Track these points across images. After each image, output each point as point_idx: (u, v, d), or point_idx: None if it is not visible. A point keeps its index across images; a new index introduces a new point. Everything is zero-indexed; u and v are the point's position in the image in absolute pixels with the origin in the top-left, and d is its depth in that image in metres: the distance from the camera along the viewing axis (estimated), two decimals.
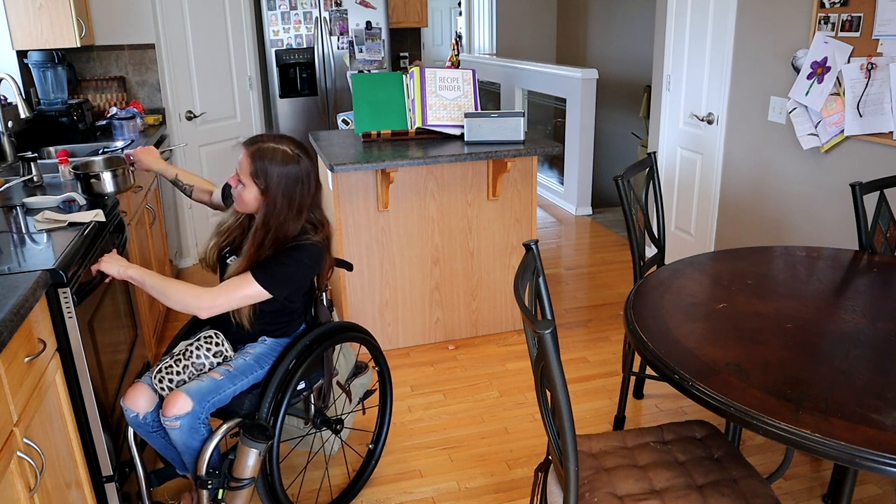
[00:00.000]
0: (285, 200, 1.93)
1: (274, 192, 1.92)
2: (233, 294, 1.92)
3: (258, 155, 1.93)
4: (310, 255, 1.99)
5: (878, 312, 1.85)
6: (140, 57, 4.26)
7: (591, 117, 5.44)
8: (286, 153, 1.94)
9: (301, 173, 1.95)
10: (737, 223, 3.68)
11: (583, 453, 1.79)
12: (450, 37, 11.18)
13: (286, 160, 1.93)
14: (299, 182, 1.95)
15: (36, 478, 1.56)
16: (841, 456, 1.31)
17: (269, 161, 1.92)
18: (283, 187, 1.93)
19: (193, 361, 2.02)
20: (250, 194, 1.95)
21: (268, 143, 1.94)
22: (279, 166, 1.92)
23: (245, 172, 1.94)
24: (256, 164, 1.92)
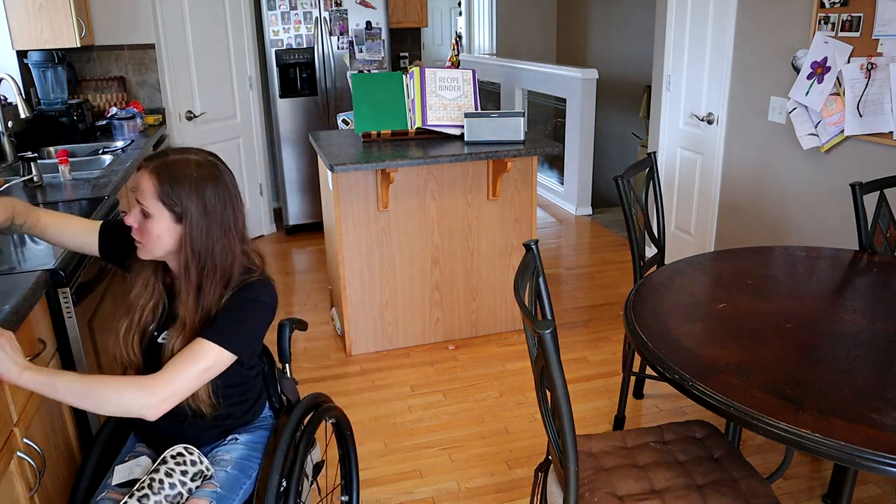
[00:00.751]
0: (214, 221, 1.49)
1: (196, 214, 1.47)
2: (188, 371, 1.41)
3: (164, 170, 1.46)
4: (266, 292, 1.56)
5: (878, 312, 1.85)
6: (140, 57, 4.26)
7: (591, 117, 5.44)
8: (199, 162, 1.51)
9: (224, 184, 1.52)
10: (737, 223, 3.68)
11: (583, 453, 1.79)
12: (450, 37, 11.18)
13: (202, 170, 1.49)
14: (225, 195, 1.52)
15: (36, 478, 1.56)
16: (841, 456, 1.31)
17: (181, 175, 1.46)
18: (208, 204, 1.48)
19: (167, 494, 1.45)
20: (160, 226, 1.47)
21: (173, 156, 1.50)
22: (195, 180, 1.47)
23: (149, 197, 1.46)
24: (164, 182, 1.45)
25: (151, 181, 1.46)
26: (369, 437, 2.73)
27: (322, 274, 4.40)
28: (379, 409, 2.92)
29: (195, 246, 1.48)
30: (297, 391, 1.83)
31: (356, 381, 3.16)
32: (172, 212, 1.47)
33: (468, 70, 3.41)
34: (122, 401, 1.37)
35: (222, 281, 1.51)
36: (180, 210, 1.46)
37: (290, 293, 4.19)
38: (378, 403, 2.97)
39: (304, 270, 4.57)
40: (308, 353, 3.42)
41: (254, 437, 1.68)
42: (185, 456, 1.51)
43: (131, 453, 1.64)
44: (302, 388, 3.08)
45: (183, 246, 1.49)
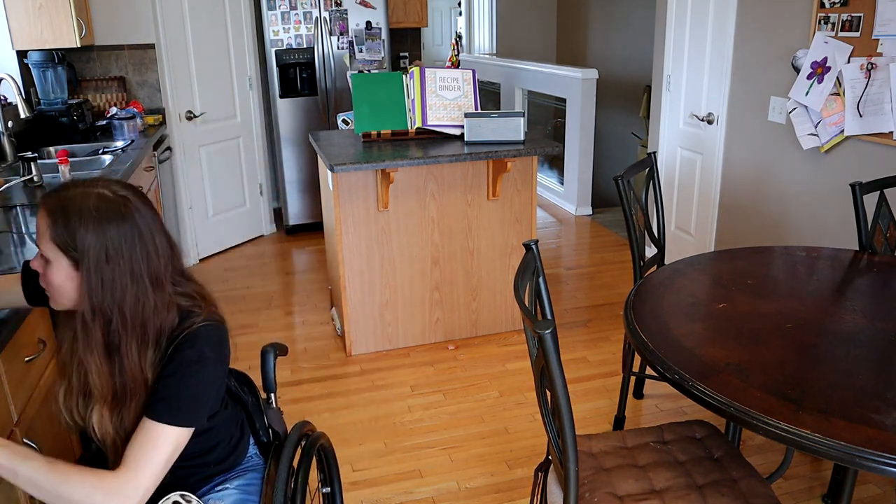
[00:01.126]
0: (118, 267, 1.24)
1: (94, 259, 1.23)
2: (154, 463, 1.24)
3: (59, 208, 1.23)
4: (210, 345, 1.33)
5: (878, 312, 1.85)
6: (140, 57, 4.26)
7: (591, 117, 5.44)
8: (102, 197, 1.25)
9: (132, 222, 1.26)
10: (737, 223, 3.68)
11: (583, 453, 1.79)
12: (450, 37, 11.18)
13: (104, 206, 1.24)
14: (134, 236, 1.26)
15: None
16: (841, 456, 1.31)
17: (77, 214, 1.22)
18: (110, 247, 1.23)
19: None
20: (60, 273, 1.25)
21: (72, 191, 1.26)
22: (94, 218, 1.23)
23: (44, 239, 1.24)
24: (58, 221, 1.22)
25: (45, 221, 1.24)
26: (369, 437, 2.73)
27: (322, 274, 4.40)
28: (379, 409, 2.92)
29: (95, 298, 1.24)
30: (283, 422, 1.72)
31: (356, 381, 3.16)
32: (70, 257, 1.23)
33: (468, 70, 3.41)
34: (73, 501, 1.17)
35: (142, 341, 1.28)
36: (77, 255, 1.23)
37: (290, 293, 4.19)
38: (378, 403, 2.97)
39: (304, 270, 4.57)
40: (308, 353, 3.42)
41: (245, 481, 1.56)
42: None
43: None
44: (302, 388, 3.10)
45: (80, 299, 1.25)
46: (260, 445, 1.67)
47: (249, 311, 3.89)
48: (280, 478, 1.48)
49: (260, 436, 1.67)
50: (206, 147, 4.64)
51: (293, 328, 3.71)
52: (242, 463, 1.60)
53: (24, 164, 2.77)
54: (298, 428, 1.68)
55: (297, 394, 3.05)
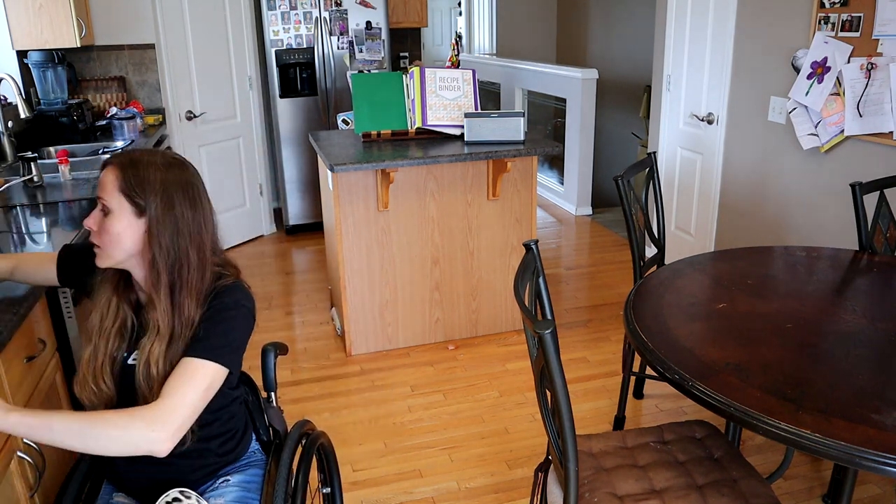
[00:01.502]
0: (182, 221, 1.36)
1: (160, 208, 1.34)
2: (191, 395, 1.29)
3: (129, 163, 1.35)
4: (243, 295, 1.43)
5: (878, 312, 1.85)
6: (140, 57, 4.26)
7: (591, 117, 5.44)
8: (167, 156, 1.41)
9: (192, 186, 1.39)
10: (737, 223, 3.68)
11: (583, 453, 1.79)
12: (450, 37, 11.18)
13: (168, 166, 1.38)
14: (195, 196, 1.39)
15: (36, 478, 1.56)
16: (841, 456, 1.31)
17: (146, 167, 1.35)
18: (175, 201, 1.35)
19: None
20: (121, 222, 1.34)
21: (141, 153, 1.39)
22: (161, 173, 1.36)
23: (110, 190, 1.34)
24: (127, 174, 1.34)
25: (114, 173, 1.35)
26: (369, 437, 2.73)
27: (322, 274, 4.40)
28: (379, 409, 2.92)
29: (162, 240, 1.34)
30: (284, 420, 1.73)
31: (356, 381, 3.16)
32: (134, 204, 1.33)
33: (468, 70, 3.41)
34: (129, 437, 1.22)
35: (196, 291, 1.38)
36: (143, 202, 1.33)
37: (290, 293, 4.19)
38: (378, 403, 2.97)
39: (304, 270, 4.57)
40: (308, 353, 3.42)
41: (246, 477, 1.56)
42: (181, 501, 1.36)
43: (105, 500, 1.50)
44: (302, 388, 3.10)
45: (149, 241, 1.35)
46: (260, 444, 1.67)
47: None
48: (280, 476, 1.50)
49: (260, 434, 1.67)
50: (206, 147, 4.64)
51: (293, 328, 3.71)
52: (244, 458, 1.60)
53: (24, 164, 2.77)
54: (299, 427, 1.69)
55: (296, 394, 3.05)
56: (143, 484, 1.46)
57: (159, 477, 1.44)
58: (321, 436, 1.80)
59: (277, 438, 1.69)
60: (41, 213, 2.46)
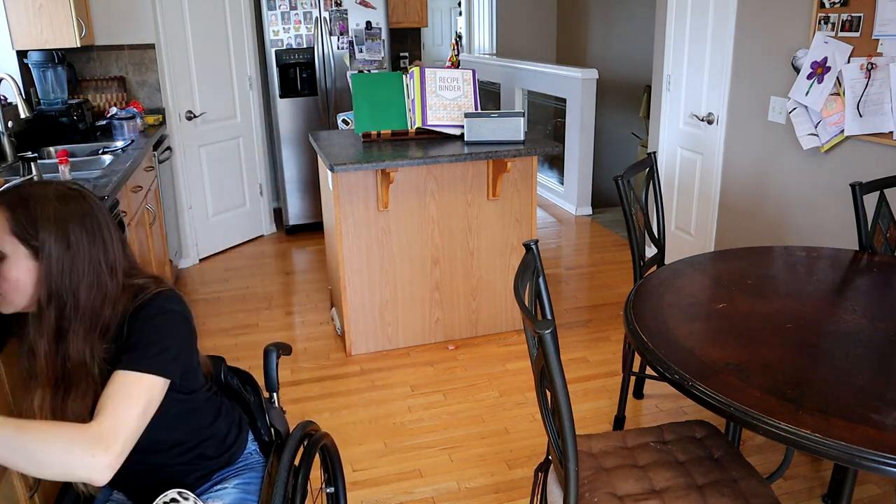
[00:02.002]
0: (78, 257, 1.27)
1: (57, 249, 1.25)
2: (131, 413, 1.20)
3: (18, 202, 1.25)
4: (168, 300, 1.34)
5: (878, 312, 1.85)
6: (140, 57, 4.26)
7: (591, 117, 5.44)
8: (60, 193, 1.29)
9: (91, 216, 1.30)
10: (737, 223, 3.68)
11: (583, 453, 1.79)
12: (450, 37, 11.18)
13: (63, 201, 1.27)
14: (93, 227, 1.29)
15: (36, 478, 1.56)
16: (841, 456, 1.31)
17: (38, 205, 1.25)
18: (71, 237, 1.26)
19: None
20: (18, 266, 1.24)
21: (31, 188, 1.29)
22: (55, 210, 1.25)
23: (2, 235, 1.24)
24: (19, 214, 1.24)
25: (3, 214, 1.24)
26: (369, 437, 2.73)
27: (322, 274, 4.40)
28: (379, 409, 2.92)
29: (53, 283, 1.25)
30: (285, 421, 1.72)
31: (356, 381, 3.16)
32: (30, 247, 1.24)
33: (468, 70, 3.41)
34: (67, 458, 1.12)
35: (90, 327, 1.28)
36: (37, 243, 1.24)
37: (290, 293, 4.19)
38: (378, 403, 2.97)
39: (304, 270, 4.57)
40: (308, 353, 3.42)
41: (244, 480, 1.54)
42: (179, 502, 1.35)
43: (109, 502, 1.49)
44: (302, 388, 3.10)
45: (37, 283, 1.25)
46: (262, 444, 1.66)
47: (249, 311, 3.89)
48: (280, 476, 1.48)
49: (262, 434, 1.66)
50: (206, 147, 4.64)
51: (293, 328, 3.71)
52: (241, 459, 1.59)
53: (24, 164, 2.77)
54: (302, 427, 1.69)
55: (297, 394, 3.05)
56: (141, 485, 1.46)
57: (157, 479, 1.43)
58: (324, 437, 1.79)
59: (279, 439, 1.69)
60: None
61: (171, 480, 1.43)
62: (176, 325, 1.33)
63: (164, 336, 1.30)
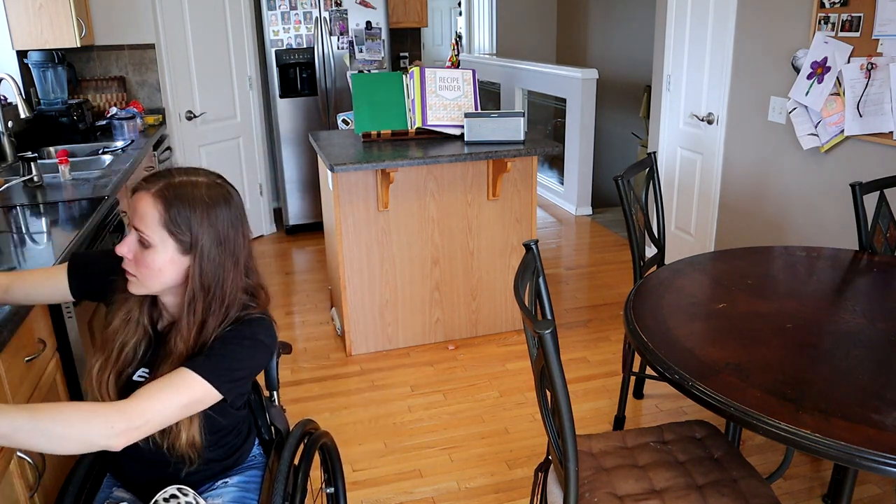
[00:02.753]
0: (226, 251, 1.33)
1: (208, 244, 1.30)
2: (169, 402, 1.22)
3: (171, 194, 1.29)
4: (265, 331, 1.39)
5: (878, 312, 1.85)
6: (140, 57, 4.26)
7: (591, 117, 5.44)
8: (209, 184, 1.34)
9: (236, 208, 1.36)
10: (737, 223, 3.68)
11: (583, 453, 1.79)
12: (450, 37, 11.17)
13: (213, 193, 1.32)
14: (238, 221, 1.36)
15: (36, 478, 1.56)
16: (841, 456, 1.31)
17: (190, 199, 1.29)
18: (221, 232, 1.32)
19: None
20: (163, 257, 1.29)
21: (179, 178, 1.32)
22: (206, 205, 1.30)
23: (152, 225, 1.28)
24: (173, 208, 1.28)
25: (156, 206, 1.28)
26: (369, 437, 2.73)
27: (322, 274, 4.40)
28: (379, 409, 2.92)
29: (205, 280, 1.31)
30: (285, 420, 1.71)
31: (356, 381, 3.16)
32: (180, 241, 1.29)
33: (468, 70, 3.41)
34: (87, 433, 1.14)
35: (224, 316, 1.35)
36: (189, 239, 1.29)
37: (290, 293, 4.19)
38: (378, 403, 2.97)
39: (304, 270, 4.57)
40: (308, 353, 3.42)
41: (245, 478, 1.55)
42: (178, 498, 1.34)
43: (110, 499, 1.49)
44: (302, 388, 3.10)
45: (190, 279, 1.31)
46: (262, 443, 1.67)
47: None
48: (280, 474, 1.48)
49: (262, 433, 1.67)
50: (206, 147, 4.64)
51: (293, 328, 3.71)
52: (245, 462, 1.59)
53: (24, 164, 2.77)
54: (301, 426, 1.70)
55: (297, 394, 3.05)
56: (143, 480, 1.46)
57: (159, 475, 1.43)
58: (324, 435, 1.79)
59: (279, 437, 1.69)
60: (41, 214, 2.46)
61: (175, 477, 1.43)
62: (259, 356, 1.38)
63: (242, 359, 1.34)
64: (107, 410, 1.17)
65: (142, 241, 1.29)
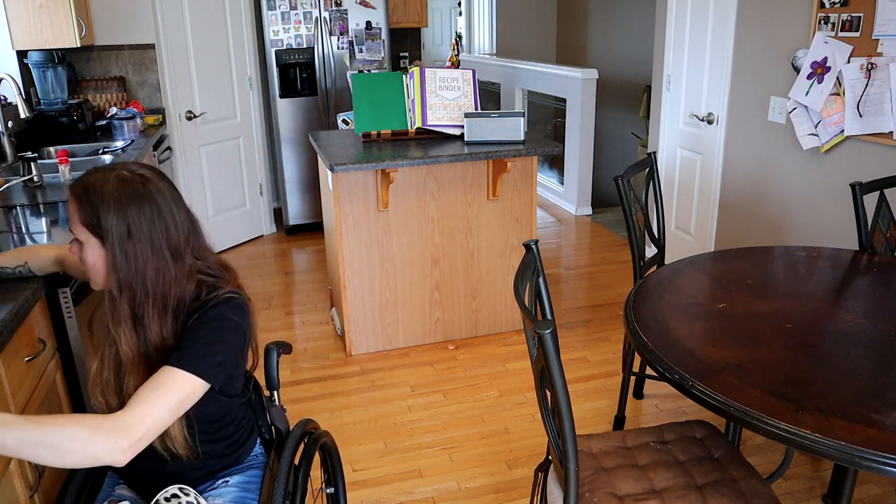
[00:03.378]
0: (140, 241, 1.32)
1: (117, 236, 1.31)
2: (161, 405, 1.25)
3: (83, 192, 1.33)
4: (232, 309, 1.39)
5: (878, 312, 1.85)
6: (140, 57, 4.26)
7: (591, 117, 5.44)
8: (121, 177, 1.34)
9: (151, 198, 1.34)
10: (737, 223, 3.68)
11: (583, 453, 1.79)
12: (450, 37, 11.18)
13: (122, 187, 1.33)
14: (153, 212, 1.33)
15: (36, 478, 1.56)
16: (841, 456, 1.31)
17: (99, 194, 1.31)
18: (131, 224, 1.31)
19: None
20: (93, 253, 1.34)
21: (95, 175, 1.35)
22: (114, 198, 1.31)
23: (76, 224, 1.33)
24: (84, 205, 1.31)
25: (73, 206, 1.34)
26: (369, 437, 2.73)
27: (322, 274, 4.40)
28: (379, 409, 2.92)
29: (120, 272, 1.32)
30: (286, 420, 1.72)
31: (356, 381, 3.16)
32: (97, 235, 1.32)
33: (468, 70, 3.41)
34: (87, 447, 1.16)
35: (163, 309, 1.35)
36: (102, 232, 1.32)
37: (290, 293, 4.19)
38: (378, 403, 2.97)
39: (304, 270, 4.57)
40: (308, 353, 3.42)
41: (245, 479, 1.56)
42: (180, 498, 1.36)
43: (111, 497, 1.50)
44: (302, 388, 3.10)
45: (109, 269, 1.33)
46: (263, 442, 1.67)
47: None
48: (281, 473, 1.49)
49: (263, 433, 1.67)
50: (206, 147, 4.64)
51: (293, 328, 3.71)
52: (246, 461, 1.60)
53: (24, 164, 2.77)
54: (301, 425, 1.70)
55: (297, 394, 3.05)
56: (144, 479, 1.47)
57: (160, 473, 1.44)
58: (324, 435, 1.80)
59: (280, 437, 1.69)
60: (41, 213, 2.46)
61: (176, 474, 1.45)
62: (230, 336, 1.38)
63: (216, 342, 1.35)
64: (110, 425, 1.19)
65: (77, 240, 1.36)
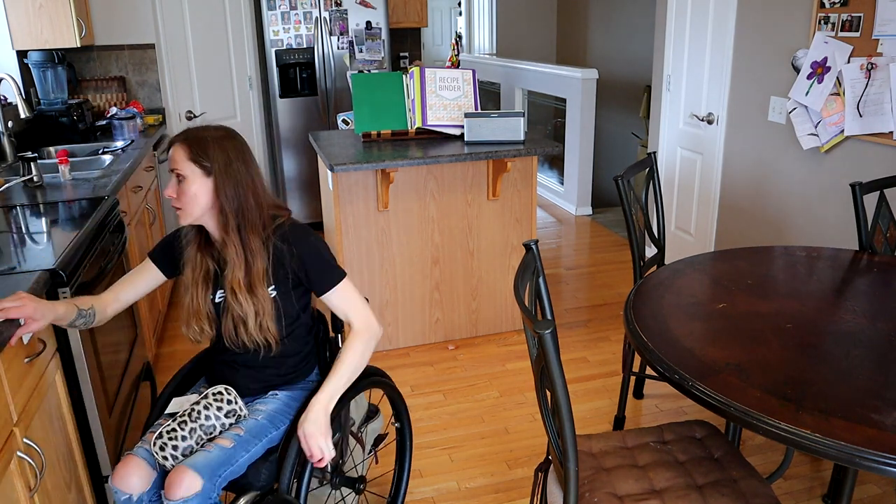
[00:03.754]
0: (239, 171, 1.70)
1: (222, 165, 1.68)
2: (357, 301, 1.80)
3: (191, 138, 1.71)
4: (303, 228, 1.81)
5: (878, 312, 1.85)
6: (140, 57, 4.26)
7: (591, 117, 5.44)
8: (217, 128, 1.75)
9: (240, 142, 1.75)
10: (737, 223, 3.68)
11: (583, 453, 1.79)
12: (450, 37, 11.18)
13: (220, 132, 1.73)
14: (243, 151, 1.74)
15: (36, 478, 1.56)
16: (841, 456, 1.31)
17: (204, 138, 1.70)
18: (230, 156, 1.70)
19: (202, 424, 1.67)
20: (195, 184, 1.68)
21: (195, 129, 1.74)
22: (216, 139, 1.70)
23: (182, 161, 1.68)
24: (192, 146, 1.68)
25: (182, 148, 1.68)
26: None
27: None
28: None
29: (227, 191, 1.68)
30: None
31: None
32: (202, 167, 1.67)
33: (468, 70, 3.41)
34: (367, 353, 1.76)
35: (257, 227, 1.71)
36: (208, 164, 1.67)
37: None
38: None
39: None
40: None
41: (292, 394, 1.85)
42: (223, 395, 1.72)
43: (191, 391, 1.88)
44: None
45: (217, 194, 1.68)
46: (321, 371, 1.94)
47: None
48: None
49: (323, 366, 1.95)
50: None
51: None
52: (301, 383, 1.89)
53: (24, 164, 2.77)
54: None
55: None
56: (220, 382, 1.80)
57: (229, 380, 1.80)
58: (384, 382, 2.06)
59: None
60: (41, 213, 2.46)
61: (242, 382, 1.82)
62: (323, 242, 1.80)
63: (325, 249, 1.79)
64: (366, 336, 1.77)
65: (178, 177, 1.68)
